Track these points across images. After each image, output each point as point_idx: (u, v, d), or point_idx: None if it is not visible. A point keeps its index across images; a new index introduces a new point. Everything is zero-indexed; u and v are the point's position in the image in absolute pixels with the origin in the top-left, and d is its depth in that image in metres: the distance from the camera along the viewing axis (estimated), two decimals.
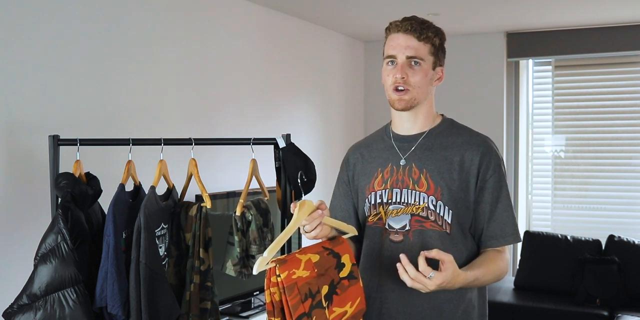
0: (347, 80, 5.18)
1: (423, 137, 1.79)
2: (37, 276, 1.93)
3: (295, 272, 1.54)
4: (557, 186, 5.14)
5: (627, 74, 4.93)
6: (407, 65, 1.72)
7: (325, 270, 1.61)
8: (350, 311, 1.65)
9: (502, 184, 1.75)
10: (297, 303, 1.52)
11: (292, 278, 1.52)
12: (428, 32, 1.71)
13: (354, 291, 1.67)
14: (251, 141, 2.30)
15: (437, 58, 1.75)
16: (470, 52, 5.14)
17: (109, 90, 2.93)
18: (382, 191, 1.79)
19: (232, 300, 3.33)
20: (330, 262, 1.64)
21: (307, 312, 1.54)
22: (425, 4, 4.03)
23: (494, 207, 1.73)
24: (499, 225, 1.73)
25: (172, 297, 2.14)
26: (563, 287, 4.44)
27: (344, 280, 1.65)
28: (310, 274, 1.57)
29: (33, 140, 2.52)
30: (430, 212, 1.72)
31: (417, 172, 1.75)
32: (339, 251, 1.68)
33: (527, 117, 5.23)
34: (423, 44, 1.71)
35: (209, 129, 3.54)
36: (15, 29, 2.51)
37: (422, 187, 1.73)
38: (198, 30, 3.52)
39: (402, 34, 1.72)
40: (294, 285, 1.52)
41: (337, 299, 1.62)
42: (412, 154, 1.78)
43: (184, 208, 2.29)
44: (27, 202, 2.53)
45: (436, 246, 1.70)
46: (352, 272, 1.68)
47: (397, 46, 1.73)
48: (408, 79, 1.72)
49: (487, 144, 1.77)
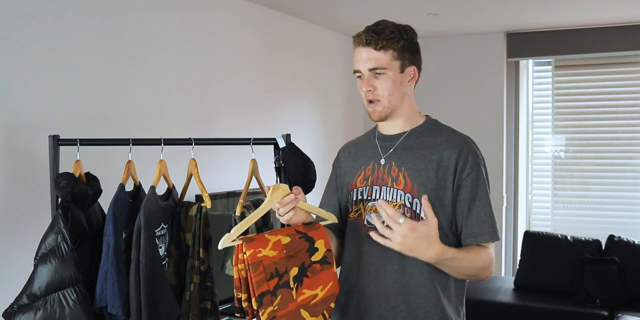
0: (347, 80, 5.18)
1: (404, 136, 1.83)
2: (37, 276, 1.94)
3: (262, 250, 1.63)
4: (557, 186, 5.14)
5: (627, 74, 4.93)
6: (372, 77, 1.76)
7: (295, 253, 1.68)
8: (321, 295, 1.70)
9: (479, 182, 1.77)
10: (261, 280, 1.61)
11: (258, 256, 1.62)
12: (383, 41, 1.73)
13: (326, 275, 1.72)
14: (251, 141, 2.31)
15: (404, 60, 1.77)
16: (470, 52, 5.14)
17: (109, 90, 2.93)
18: (363, 188, 1.84)
19: (232, 300, 3.32)
20: (302, 245, 1.70)
21: (271, 290, 1.62)
22: (425, 4, 4.03)
23: (471, 205, 1.76)
24: (477, 224, 1.75)
25: (172, 297, 2.14)
26: (563, 287, 4.43)
27: (316, 264, 1.72)
28: (278, 254, 1.65)
29: (33, 140, 2.52)
30: (406, 209, 1.75)
31: (395, 170, 1.79)
32: (313, 236, 1.73)
33: (527, 117, 5.23)
34: (383, 53, 1.74)
35: (209, 129, 3.54)
36: (16, 29, 2.51)
37: (400, 185, 1.77)
38: (198, 29, 3.52)
39: (362, 47, 1.76)
40: (259, 263, 1.61)
41: (307, 281, 1.69)
42: (392, 152, 1.82)
43: (184, 208, 2.29)
44: (27, 202, 2.53)
45: None
46: (326, 257, 1.74)
47: (359, 60, 1.78)
48: (375, 91, 1.76)
49: (465, 142, 1.80)
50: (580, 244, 4.53)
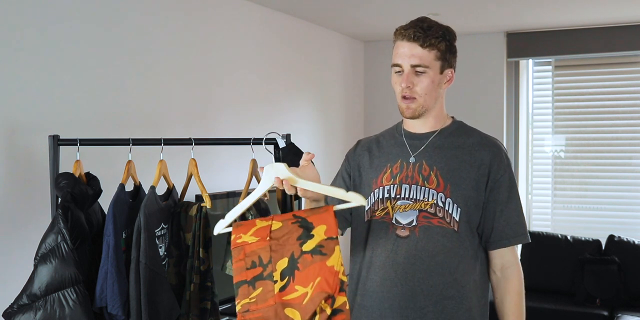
0: (347, 80, 5.18)
1: (434, 135, 1.81)
2: (37, 276, 1.94)
3: (242, 236, 1.53)
4: (557, 186, 5.14)
5: (627, 74, 4.93)
6: (413, 73, 1.72)
7: (284, 241, 1.51)
8: (310, 293, 1.46)
9: (512, 184, 1.78)
10: (240, 268, 1.50)
11: (237, 242, 1.52)
12: (432, 39, 1.70)
13: (318, 269, 1.48)
14: (251, 141, 2.30)
15: (444, 62, 1.75)
16: (470, 52, 5.13)
17: (109, 90, 2.93)
18: (390, 186, 1.79)
19: (232, 300, 3.32)
20: (293, 231, 1.52)
21: (249, 281, 1.49)
22: (425, 4, 4.03)
23: (505, 206, 1.76)
24: (509, 225, 1.76)
25: (172, 297, 2.14)
26: (563, 287, 4.43)
27: (307, 255, 1.49)
28: (260, 241, 1.51)
29: (33, 140, 2.52)
30: (438, 209, 1.73)
31: (427, 169, 1.77)
32: (313, 221, 1.53)
33: (527, 117, 5.23)
34: (428, 51, 1.71)
35: (209, 129, 3.54)
36: (16, 29, 2.51)
37: (432, 184, 1.75)
38: (198, 30, 3.52)
39: (407, 42, 1.72)
40: (241, 250, 1.51)
41: (299, 275, 1.48)
42: (422, 151, 1.80)
43: (184, 208, 2.29)
44: (27, 202, 2.53)
45: (442, 243, 1.72)
46: (321, 246, 1.50)
47: (402, 55, 1.73)
48: (414, 88, 1.73)
49: (497, 145, 1.81)
50: (580, 244, 4.53)
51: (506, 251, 1.78)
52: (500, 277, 1.79)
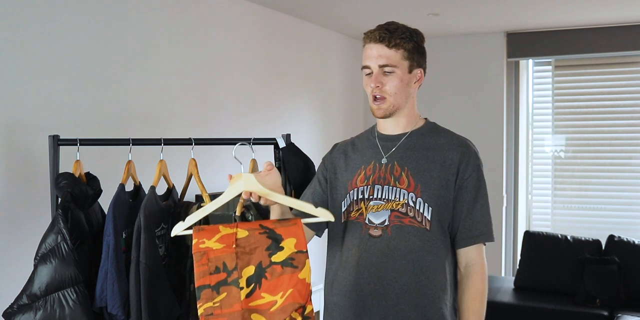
0: (347, 80, 5.18)
1: (406, 137, 1.85)
2: (37, 276, 1.93)
3: (205, 241, 1.56)
4: (557, 186, 5.14)
5: (627, 74, 4.93)
6: (381, 73, 1.78)
7: (251, 249, 1.56)
8: (280, 302, 1.55)
9: (480, 183, 1.81)
10: (203, 273, 1.53)
11: (200, 247, 1.55)
12: (397, 39, 1.75)
13: (287, 280, 1.56)
14: (251, 141, 2.30)
15: (412, 61, 1.80)
16: (470, 52, 5.14)
17: (109, 90, 2.93)
18: (364, 187, 1.84)
19: None
20: (261, 242, 1.57)
21: (213, 286, 1.53)
22: (425, 4, 4.03)
23: (471, 206, 1.79)
24: (473, 224, 1.79)
25: (172, 297, 2.14)
26: (563, 287, 4.43)
27: (276, 266, 1.56)
28: (225, 248, 1.55)
29: (33, 140, 2.52)
30: (409, 208, 1.77)
31: (398, 170, 1.81)
32: (282, 233, 1.59)
33: (527, 117, 5.23)
34: (394, 51, 1.76)
35: (209, 129, 3.54)
36: (15, 29, 2.51)
37: (403, 184, 1.78)
38: (198, 30, 3.52)
39: (374, 43, 1.77)
40: (203, 255, 1.54)
41: (266, 284, 1.55)
42: (394, 152, 1.84)
43: (184, 208, 2.29)
44: (27, 202, 2.53)
45: (414, 242, 1.75)
46: (292, 259, 1.57)
47: (370, 56, 1.79)
48: (383, 87, 1.78)
49: (467, 145, 1.84)
50: (580, 244, 4.53)
51: (471, 249, 1.81)
52: (464, 274, 1.81)
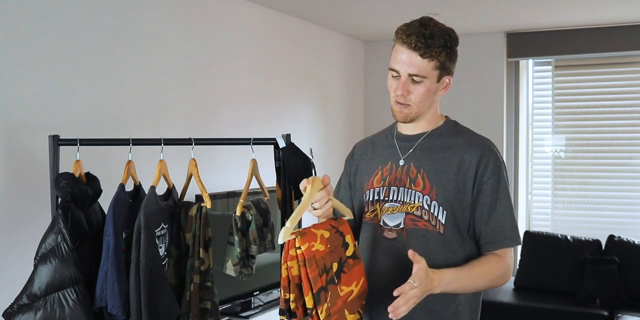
0: (347, 80, 5.18)
1: (424, 137, 1.80)
2: (37, 276, 1.94)
3: (314, 245, 1.55)
4: (557, 186, 5.14)
5: (627, 74, 4.93)
6: (409, 81, 1.69)
7: (335, 248, 1.62)
8: (356, 291, 1.65)
9: (500, 186, 1.73)
10: (317, 276, 1.53)
11: (312, 251, 1.54)
12: (433, 50, 1.66)
13: (358, 271, 1.67)
14: (251, 141, 2.30)
15: (443, 70, 1.71)
16: (470, 52, 5.13)
17: (109, 90, 2.93)
18: (379, 188, 1.80)
19: (232, 300, 3.33)
20: (338, 240, 1.65)
21: (325, 286, 1.55)
22: (425, 4, 4.03)
23: (492, 209, 1.72)
24: (497, 228, 1.72)
25: (172, 297, 2.14)
26: (563, 287, 4.43)
27: (350, 259, 1.66)
28: (325, 249, 1.58)
29: (33, 140, 2.52)
30: (424, 212, 1.72)
31: (414, 172, 1.76)
32: (343, 231, 1.68)
33: (527, 117, 5.23)
34: (427, 62, 1.67)
35: (209, 129, 3.54)
36: (16, 29, 2.51)
37: (418, 187, 1.74)
38: (198, 30, 3.52)
39: (407, 49, 1.67)
40: (313, 258, 1.53)
41: (344, 277, 1.62)
42: (411, 153, 1.79)
43: (184, 208, 2.29)
44: (27, 202, 2.53)
45: (429, 246, 1.71)
46: (355, 252, 1.69)
47: (401, 61, 1.69)
48: (409, 96, 1.71)
49: (486, 145, 1.77)
50: (580, 244, 4.53)
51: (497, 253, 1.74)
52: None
